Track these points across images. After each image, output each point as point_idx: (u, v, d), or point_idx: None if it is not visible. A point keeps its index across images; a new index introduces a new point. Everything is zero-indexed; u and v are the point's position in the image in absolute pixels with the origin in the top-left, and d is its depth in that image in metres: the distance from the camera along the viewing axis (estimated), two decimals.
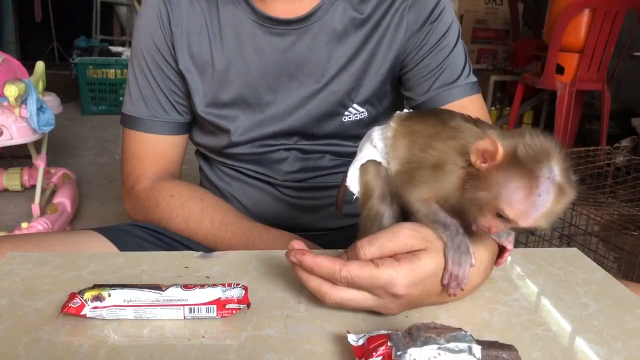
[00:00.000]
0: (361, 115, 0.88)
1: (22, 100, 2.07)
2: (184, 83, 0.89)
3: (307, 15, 0.84)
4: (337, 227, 0.94)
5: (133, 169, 0.92)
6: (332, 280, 0.53)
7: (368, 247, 0.54)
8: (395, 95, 0.92)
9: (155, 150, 0.92)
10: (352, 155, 0.90)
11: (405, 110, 0.65)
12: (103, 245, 0.85)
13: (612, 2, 3.04)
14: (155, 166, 0.92)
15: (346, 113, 0.88)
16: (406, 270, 0.53)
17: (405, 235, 0.55)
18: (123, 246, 0.85)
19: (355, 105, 0.88)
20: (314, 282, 0.54)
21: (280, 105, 0.87)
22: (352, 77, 0.86)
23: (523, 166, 0.48)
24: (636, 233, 1.79)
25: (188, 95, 0.90)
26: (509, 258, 0.65)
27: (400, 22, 0.85)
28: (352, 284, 0.53)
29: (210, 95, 0.88)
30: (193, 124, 0.96)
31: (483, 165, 0.51)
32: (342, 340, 0.52)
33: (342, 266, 0.53)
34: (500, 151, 0.50)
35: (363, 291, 0.54)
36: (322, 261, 0.53)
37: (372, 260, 0.53)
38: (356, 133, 0.88)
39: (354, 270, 0.52)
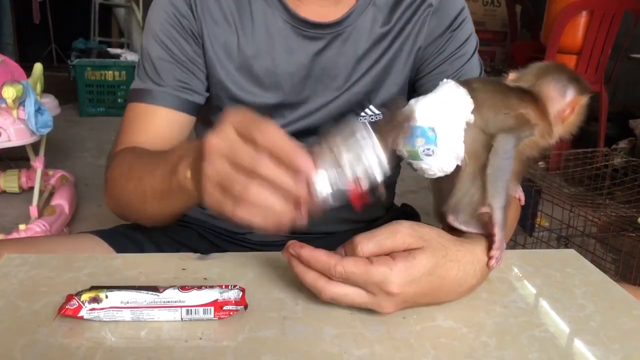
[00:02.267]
0: (377, 118, 0.88)
1: (20, 102, 2.07)
2: (204, 65, 0.84)
3: (339, 21, 0.83)
4: (334, 232, 0.94)
5: (123, 139, 0.84)
6: (328, 274, 0.53)
7: (366, 243, 0.54)
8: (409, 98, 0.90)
9: (155, 123, 0.83)
10: None
11: (447, 81, 0.63)
12: (102, 249, 0.85)
13: (610, 3, 3.05)
14: (147, 140, 0.82)
15: (362, 114, 0.88)
16: (401, 268, 0.53)
17: (404, 234, 0.55)
18: (121, 249, 0.85)
19: (372, 107, 0.88)
20: (310, 276, 0.54)
21: (303, 107, 0.86)
22: (373, 80, 0.86)
23: None
24: (633, 234, 1.79)
25: (205, 78, 0.85)
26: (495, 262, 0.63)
27: (422, 28, 0.85)
28: (346, 280, 0.53)
29: (238, 78, 0.84)
30: (201, 109, 0.87)
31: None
32: (339, 342, 0.52)
33: (337, 261, 0.53)
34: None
35: (358, 288, 0.54)
36: (319, 255, 0.54)
37: (367, 258, 0.53)
38: None
39: (348, 265, 0.53)
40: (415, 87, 0.89)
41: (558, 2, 3.17)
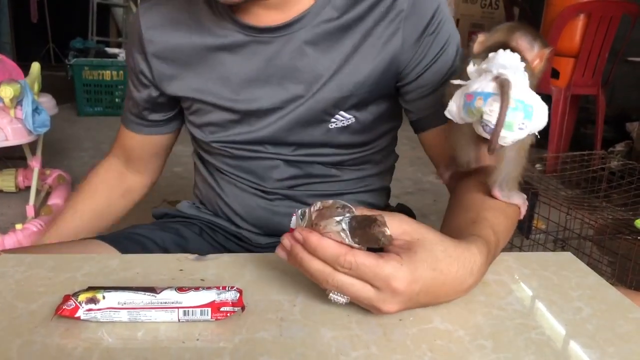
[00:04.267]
0: (348, 122, 0.86)
1: (17, 101, 2.07)
2: (166, 101, 0.95)
3: (291, 22, 0.82)
4: None
5: (113, 146, 1.08)
6: (335, 264, 0.53)
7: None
8: (387, 101, 0.89)
9: (130, 142, 1.03)
10: (343, 164, 0.90)
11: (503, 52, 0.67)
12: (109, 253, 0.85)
13: (607, 7, 3.07)
14: (120, 157, 1.07)
15: (332, 120, 0.86)
16: (409, 264, 0.53)
17: (401, 220, 0.56)
18: (125, 251, 0.85)
19: (342, 112, 0.86)
20: (316, 264, 0.54)
21: (262, 111, 0.86)
22: (339, 86, 0.83)
23: None
24: (630, 237, 1.80)
25: (169, 103, 0.96)
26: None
27: (396, 33, 0.82)
28: (354, 270, 0.52)
29: (196, 95, 0.89)
30: (163, 126, 1.01)
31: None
32: (336, 343, 0.52)
33: (347, 251, 0.52)
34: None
35: (364, 281, 0.53)
36: (327, 242, 0.53)
37: (377, 253, 0.53)
38: (345, 141, 0.88)
39: (359, 256, 0.52)
40: (401, 92, 0.87)
41: (556, 5, 3.18)
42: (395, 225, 0.56)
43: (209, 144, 0.92)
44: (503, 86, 0.61)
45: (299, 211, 0.58)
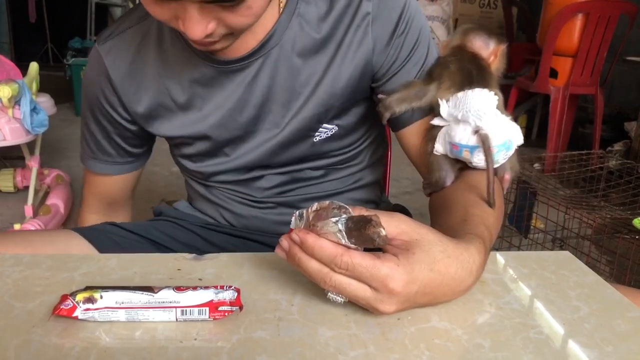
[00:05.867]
0: (332, 131, 0.86)
1: (15, 101, 2.07)
2: (136, 127, 0.90)
3: (261, 45, 0.79)
4: None
5: (85, 193, 1.02)
6: (331, 264, 0.53)
7: (359, 211, 0.55)
8: (366, 102, 0.88)
9: (100, 184, 0.98)
10: (332, 165, 0.91)
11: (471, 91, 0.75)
12: (81, 246, 0.85)
13: (606, 6, 3.07)
14: (99, 194, 1.00)
15: (316, 134, 0.85)
16: (405, 265, 0.53)
17: (399, 219, 0.56)
18: (102, 247, 0.85)
19: (324, 125, 0.85)
20: (314, 264, 0.54)
21: (241, 137, 0.85)
22: (320, 102, 0.82)
23: None
24: (628, 236, 1.80)
25: (140, 136, 0.92)
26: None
27: (365, 39, 0.80)
28: (351, 271, 0.52)
29: (177, 132, 0.87)
30: (143, 157, 0.99)
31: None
32: (334, 343, 0.52)
33: (344, 251, 0.52)
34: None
35: (361, 282, 0.53)
36: (325, 243, 0.53)
37: (373, 254, 0.53)
38: (329, 149, 0.87)
39: (356, 257, 0.52)
40: (375, 92, 0.86)
41: (554, 4, 3.18)
42: (394, 225, 0.56)
43: (192, 172, 0.92)
44: (484, 142, 0.71)
45: (297, 212, 0.58)
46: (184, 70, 0.83)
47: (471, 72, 0.78)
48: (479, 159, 0.73)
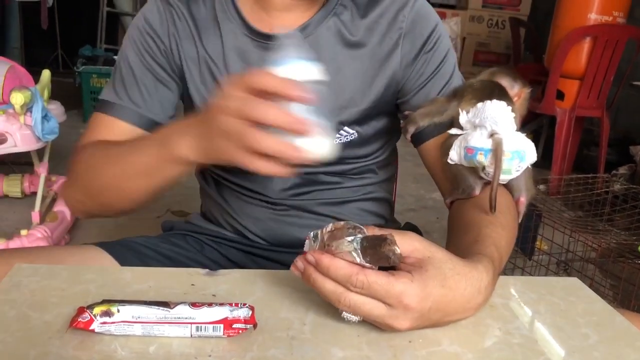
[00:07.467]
0: (352, 137, 0.89)
1: (27, 108, 2.08)
2: (175, 85, 0.90)
3: (303, 26, 0.84)
4: None
5: (85, 142, 0.88)
6: (347, 284, 0.54)
7: (372, 229, 0.56)
8: (388, 116, 0.92)
9: (112, 132, 0.88)
10: (346, 173, 0.92)
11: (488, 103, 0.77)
12: (103, 260, 0.85)
13: (614, 31, 3.09)
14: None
15: (337, 136, 0.87)
16: (419, 281, 0.54)
17: (412, 237, 0.58)
18: (124, 262, 0.86)
19: (346, 128, 0.88)
20: (329, 284, 0.55)
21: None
22: (344, 101, 0.86)
23: None
24: (632, 261, 1.80)
25: (174, 96, 0.91)
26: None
27: (395, 50, 0.85)
28: (367, 289, 0.53)
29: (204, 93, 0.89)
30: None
31: None
32: None
33: (359, 270, 0.53)
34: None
35: (376, 300, 0.54)
36: (339, 263, 0.54)
37: (388, 272, 0.55)
38: (347, 154, 0.89)
39: (371, 275, 0.53)
40: (401, 109, 0.91)
41: (562, 27, 3.20)
42: (407, 244, 0.57)
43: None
44: (498, 146, 0.73)
45: (312, 233, 0.59)
46: (229, 40, 0.86)
47: (494, 89, 0.81)
48: (491, 164, 0.75)
